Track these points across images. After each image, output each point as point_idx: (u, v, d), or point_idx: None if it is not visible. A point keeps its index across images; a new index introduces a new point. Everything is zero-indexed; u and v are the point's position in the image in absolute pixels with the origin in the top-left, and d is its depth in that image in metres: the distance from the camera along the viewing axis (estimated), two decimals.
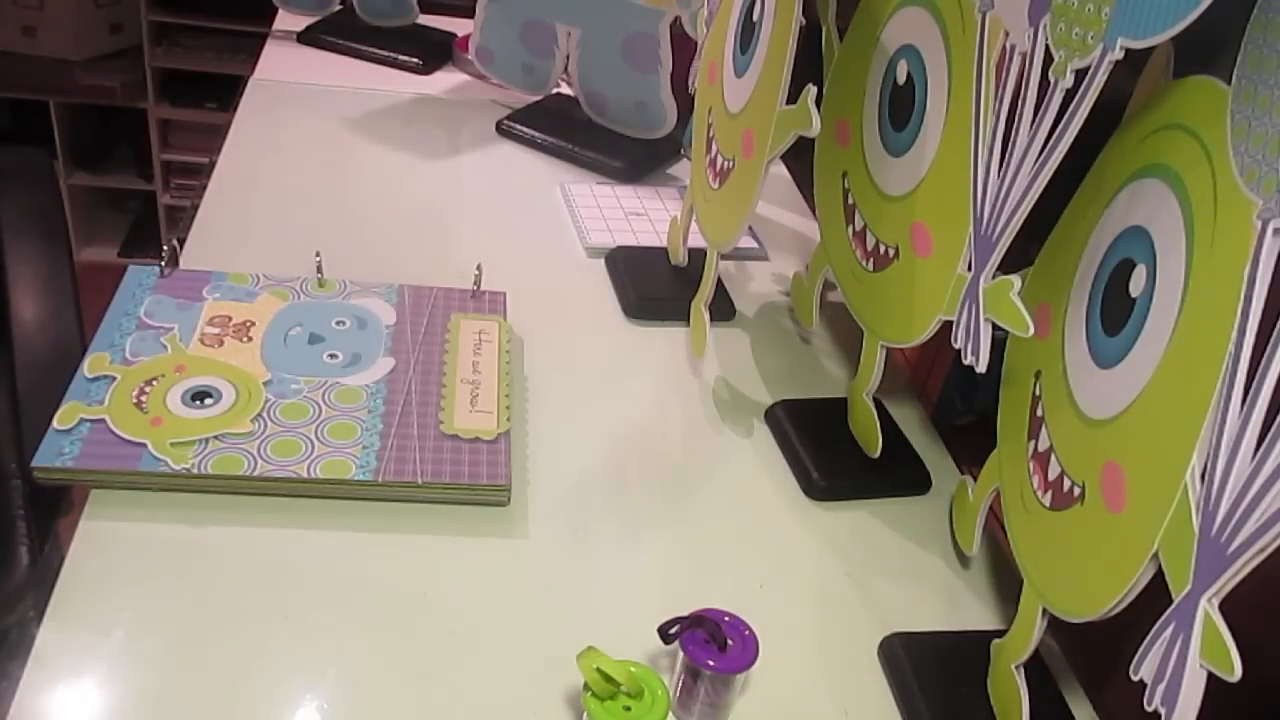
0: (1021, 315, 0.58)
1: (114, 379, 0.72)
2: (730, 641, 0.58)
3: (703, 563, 0.71)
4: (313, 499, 0.68)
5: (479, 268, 0.88)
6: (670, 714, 0.57)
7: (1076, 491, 0.56)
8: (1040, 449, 0.61)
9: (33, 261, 0.88)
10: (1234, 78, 0.47)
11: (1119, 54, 0.50)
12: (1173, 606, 0.45)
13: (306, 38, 1.36)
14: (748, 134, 0.77)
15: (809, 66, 0.73)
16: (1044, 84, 0.55)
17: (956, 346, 0.64)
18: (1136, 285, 0.53)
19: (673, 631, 0.58)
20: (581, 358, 0.88)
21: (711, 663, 0.57)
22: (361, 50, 1.35)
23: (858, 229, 0.79)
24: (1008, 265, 0.61)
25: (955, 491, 0.77)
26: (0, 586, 0.70)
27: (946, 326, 0.66)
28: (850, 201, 0.80)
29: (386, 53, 1.35)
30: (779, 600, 0.69)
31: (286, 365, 0.76)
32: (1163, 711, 0.45)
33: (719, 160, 0.84)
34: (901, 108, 0.72)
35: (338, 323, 0.82)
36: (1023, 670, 0.59)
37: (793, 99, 0.69)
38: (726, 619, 0.59)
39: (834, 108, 0.82)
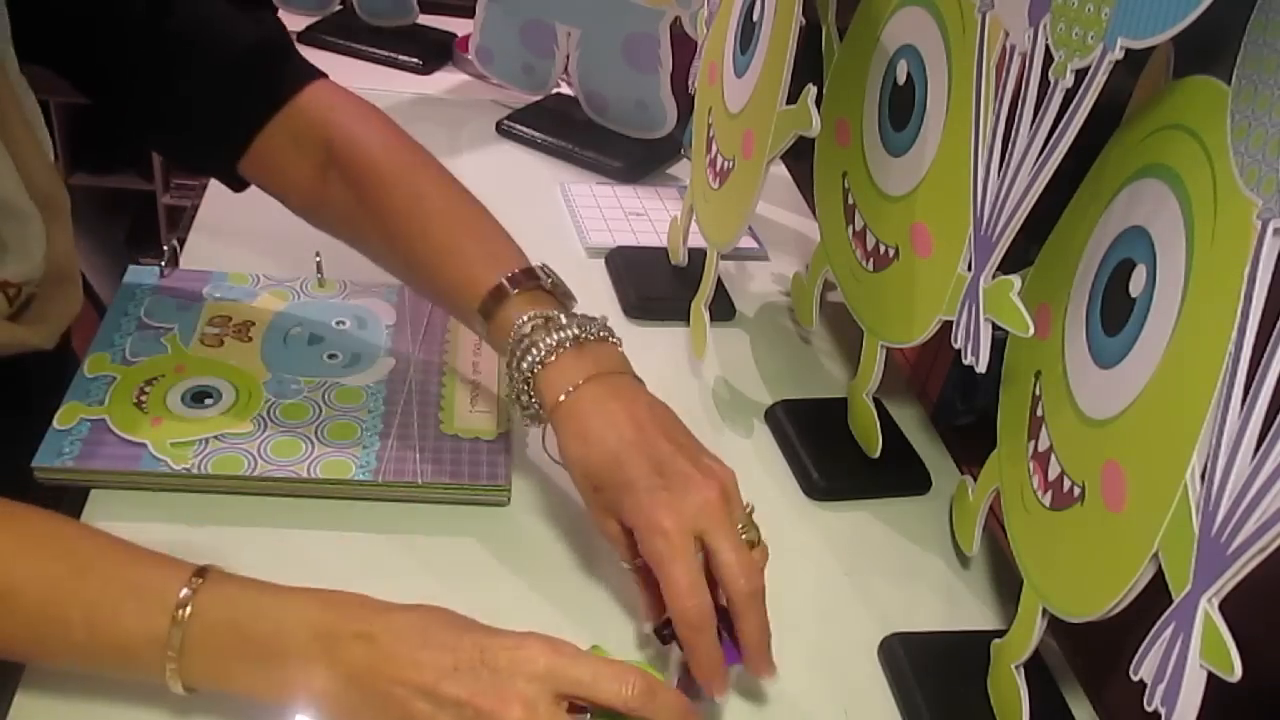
0: (1021, 315, 0.58)
1: (114, 379, 0.72)
2: (723, 636, 0.58)
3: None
4: (313, 499, 0.68)
5: None
6: None
7: (1076, 491, 0.56)
8: (1040, 449, 0.61)
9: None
10: (1234, 78, 0.47)
11: (1119, 54, 0.50)
12: (1173, 606, 0.45)
13: (306, 38, 1.36)
14: (748, 134, 0.77)
15: (809, 66, 0.73)
16: (1044, 84, 0.55)
17: (956, 346, 0.64)
18: (1136, 285, 0.53)
19: (667, 632, 0.58)
20: None
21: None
22: (361, 50, 1.35)
23: (858, 229, 0.79)
24: (1008, 265, 0.61)
25: (955, 491, 0.77)
26: None
27: (946, 326, 0.66)
28: (850, 201, 0.80)
29: (386, 53, 1.35)
30: (779, 600, 0.69)
31: (286, 365, 0.76)
32: (1163, 711, 0.45)
33: (719, 160, 0.84)
34: (901, 108, 0.72)
35: (338, 323, 0.82)
36: (1023, 670, 0.59)
37: (793, 99, 0.69)
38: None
39: (834, 108, 0.82)
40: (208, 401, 0.71)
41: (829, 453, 0.80)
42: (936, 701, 0.62)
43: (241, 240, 0.95)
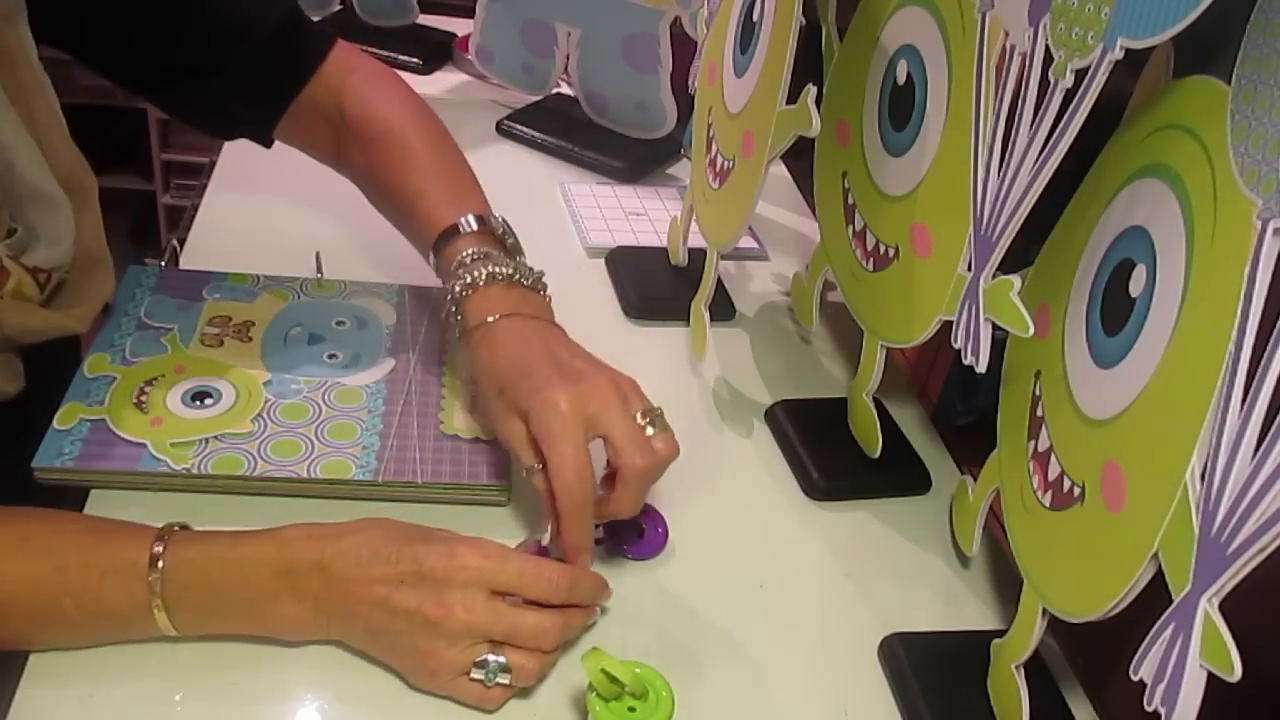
0: (1021, 315, 0.58)
1: (114, 379, 0.72)
2: (644, 528, 0.68)
3: (703, 563, 0.71)
4: (313, 499, 0.68)
5: None
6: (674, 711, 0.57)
7: (1076, 491, 0.56)
8: (1040, 449, 0.61)
9: None
10: (1234, 78, 0.47)
11: (1119, 54, 0.50)
12: (1173, 606, 0.45)
13: None
14: (748, 134, 0.77)
15: (809, 66, 0.73)
16: (1044, 84, 0.55)
17: (956, 346, 0.64)
18: (1136, 285, 0.53)
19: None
20: None
21: (627, 548, 0.68)
22: (361, 50, 1.35)
23: (858, 229, 0.79)
24: (1008, 265, 0.61)
25: (955, 491, 0.77)
26: None
27: (946, 326, 0.66)
28: (850, 201, 0.80)
29: (386, 53, 1.35)
30: (779, 600, 0.69)
31: (286, 365, 0.76)
32: (1163, 711, 0.45)
33: (719, 160, 0.84)
34: (901, 108, 0.72)
35: (338, 323, 0.82)
36: (1023, 670, 0.59)
37: (793, 99, 0.69)
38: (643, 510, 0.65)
39: (834, 108, 0.82)
40: (208, 401, 0.71)
41: (829, 453, 0.80)
42: (936, 701, 0.62)
43: (241, 240, 0.95)
